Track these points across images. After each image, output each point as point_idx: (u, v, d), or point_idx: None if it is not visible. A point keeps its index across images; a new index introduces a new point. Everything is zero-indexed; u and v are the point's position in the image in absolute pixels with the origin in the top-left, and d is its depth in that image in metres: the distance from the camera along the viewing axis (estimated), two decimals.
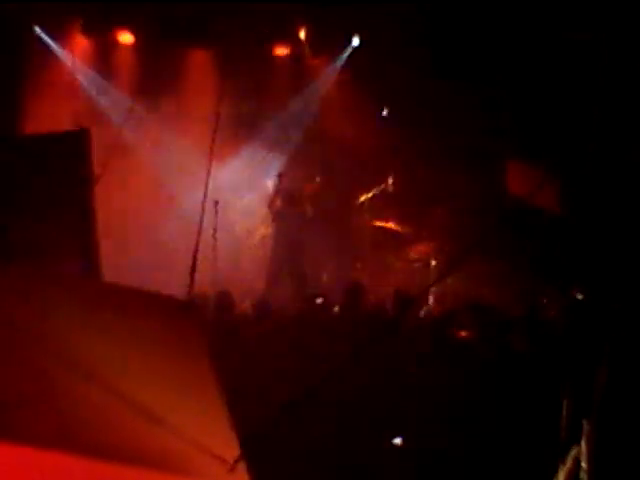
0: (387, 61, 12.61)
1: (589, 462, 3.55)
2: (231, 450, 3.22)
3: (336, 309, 9.51)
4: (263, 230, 13.13)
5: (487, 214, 11.69)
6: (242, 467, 3.18)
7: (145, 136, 12.81)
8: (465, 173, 12.52)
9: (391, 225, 12.72)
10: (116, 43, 13.13)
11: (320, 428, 5.98)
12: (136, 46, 13.10)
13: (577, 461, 3.73)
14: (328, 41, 13.50)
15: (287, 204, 12.07)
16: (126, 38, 13.08)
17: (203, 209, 4.94)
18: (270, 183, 12.48)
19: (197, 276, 4.56)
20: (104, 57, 13.14)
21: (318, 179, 12.74)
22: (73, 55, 12.85)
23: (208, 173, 5.03)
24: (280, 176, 12.06)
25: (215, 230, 11.09)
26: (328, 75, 13.78)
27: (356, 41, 13.40)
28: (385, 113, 13.27)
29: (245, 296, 10.19)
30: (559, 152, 9.16)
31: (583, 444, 3.63)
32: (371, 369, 6.43)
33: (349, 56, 13.49)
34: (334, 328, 8.00)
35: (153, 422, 3.22)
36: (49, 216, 6.00)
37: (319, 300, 9.10)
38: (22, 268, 4.10)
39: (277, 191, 12.05)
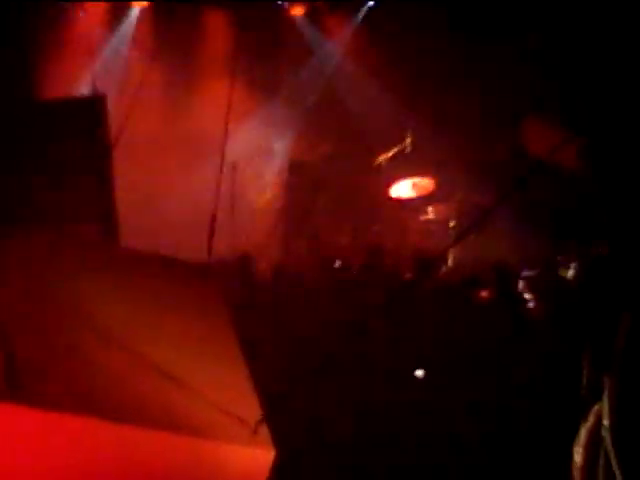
0: (405, 19, 12.51)
1: (611, 419, 3.53)
2: (254, 413, 3.23)
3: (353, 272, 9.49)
4: (272, 193, 13.12)
5: (506, 173, 11.61)
6: (265, 429, 3.20)
7: (162, 99, 12.77)
8: (484, 132, 12.43)
9: (410, 186, 12.63)
10: (131, 5, 13.08)
11: (341, 390, 6.00)
12: (152, 7, 13.04)
13: (598, 418, 3.71)
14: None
15: (297, 172, 12.12)
16: None
17: (221, 172, 4.91)
18: (281, 146, 12.51)
19: (215, 240, 4.55)
20: (119, 19, 13.09)
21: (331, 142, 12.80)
22: (89, 18, 12.80)
23: (225, 136, 4.99)
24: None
25: (233, 194, 11.10)
26: (344, 34, 13.70)
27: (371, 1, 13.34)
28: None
29: (261, 259, 10.19)
30: (579, 108, 9.07)
31: (604, 401, 3.61)
32: (392, 331, 6.43)
33: (366, 15, 13.39)
34: (353, 291, 8.00)
35: (176, 386, 3.23)
36: (67, 181, 6.01)
37: (337, 263, 9.09)
38: (44, 233, 4.11)
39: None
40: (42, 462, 2.96)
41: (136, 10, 13.09)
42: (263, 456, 3.13)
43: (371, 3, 13.36)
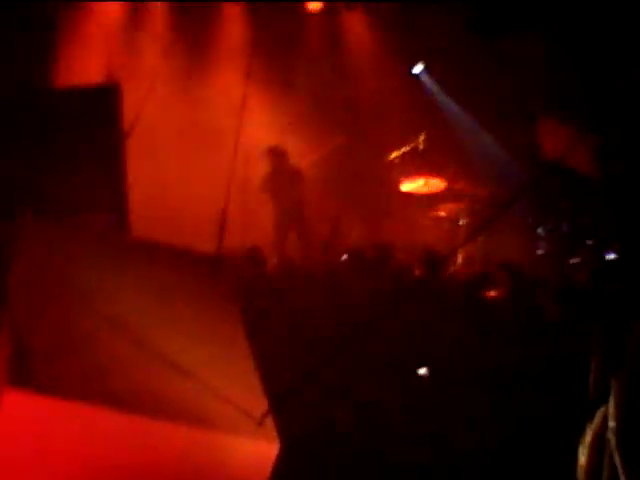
0: (422, 18, 12.51)
1: (617, 421, 3.53)
2: (260, 405, 3.24)
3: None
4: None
5: (519, 174, 11.61)
6: (270, 421, 3.21)
7: (176, 91, 12.78)
8: (496, 132, 12.42)
9: (421, 183, 12.62)
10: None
11: (347, 387, 6.01)
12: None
13: (604, 420, 3.71)
14: None
15: (279, 162, 12.00)
16: None
17: (233, 164, 4.93)
18: (294, 142, 12.46)
19: (227, 233, 4.56)
20: (137, 13, 13.10)
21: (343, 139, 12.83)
22: (106, 10, 12.83)
23: (238, 129, 5.01)
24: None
25: (244, 187, 11.12)
26: (360, 30, 13.69)
27: None
28: (417, 69, 13.17)
29: (273, 253, 10.19)
30: (594, 109, 9.04)
31: (610, 403, 3.61)
32: (401, 328, 6.43)
33: (382, 10, 13.38)
34: (362, 286, 8.00)
35: (182, 376, 3.25)
36: (80, 170, 6.01)
37: (344, 257, 9.09)
38: (56, 223, 4.13)
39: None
40: (52, 449, 2.98)
41: (153, 4, 13.11)
42: (267, 449, 3.14)
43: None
